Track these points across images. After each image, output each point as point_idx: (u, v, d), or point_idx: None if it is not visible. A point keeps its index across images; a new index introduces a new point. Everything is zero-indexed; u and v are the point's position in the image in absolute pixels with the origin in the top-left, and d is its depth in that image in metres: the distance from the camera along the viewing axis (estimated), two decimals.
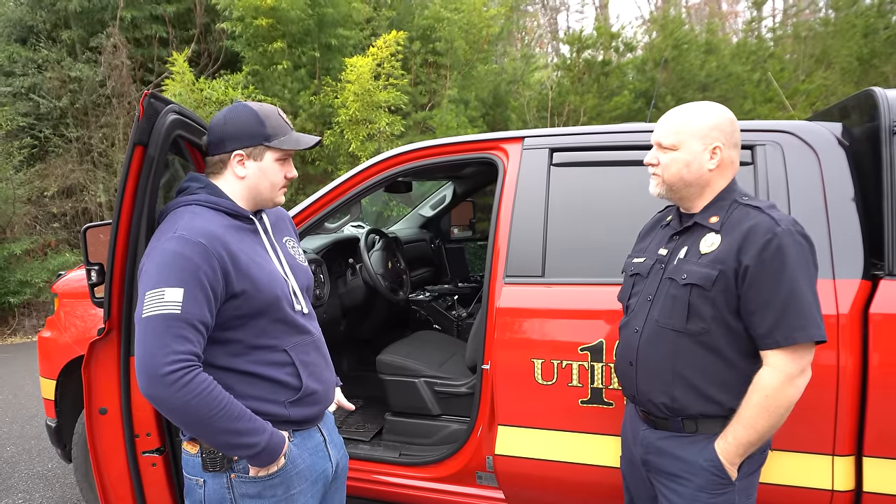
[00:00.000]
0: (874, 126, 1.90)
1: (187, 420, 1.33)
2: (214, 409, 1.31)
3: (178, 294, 1.32)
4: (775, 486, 1.87)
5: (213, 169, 1.56)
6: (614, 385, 2.03)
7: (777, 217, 1.46)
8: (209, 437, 1.37)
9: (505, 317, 2.19)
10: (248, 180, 1.53)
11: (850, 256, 1.89)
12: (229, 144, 1.51)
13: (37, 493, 3.50)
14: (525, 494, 2.26)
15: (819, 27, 11.16)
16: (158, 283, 1.33)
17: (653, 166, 1.62)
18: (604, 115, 9.31)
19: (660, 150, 1.60)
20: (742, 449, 1.48)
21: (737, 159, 1.60)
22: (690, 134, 1.55)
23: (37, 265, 8.18)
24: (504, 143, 2.43)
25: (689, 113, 1.58)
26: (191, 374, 1.30)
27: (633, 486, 1.79)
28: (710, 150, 1.54)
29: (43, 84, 8.74)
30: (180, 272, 1.34)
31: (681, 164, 1.56)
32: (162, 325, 1.30)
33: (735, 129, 1.58)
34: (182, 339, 1.31)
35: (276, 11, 7.58)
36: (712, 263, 1.49)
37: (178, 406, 1.30)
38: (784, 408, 1.45)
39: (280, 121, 1.56)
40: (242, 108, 1.54)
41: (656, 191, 1.63)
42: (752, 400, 1.45)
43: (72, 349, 2.85)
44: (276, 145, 1.52)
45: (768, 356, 1.45)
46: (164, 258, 1.36)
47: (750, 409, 1.45)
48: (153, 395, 1.31)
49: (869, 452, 1.83)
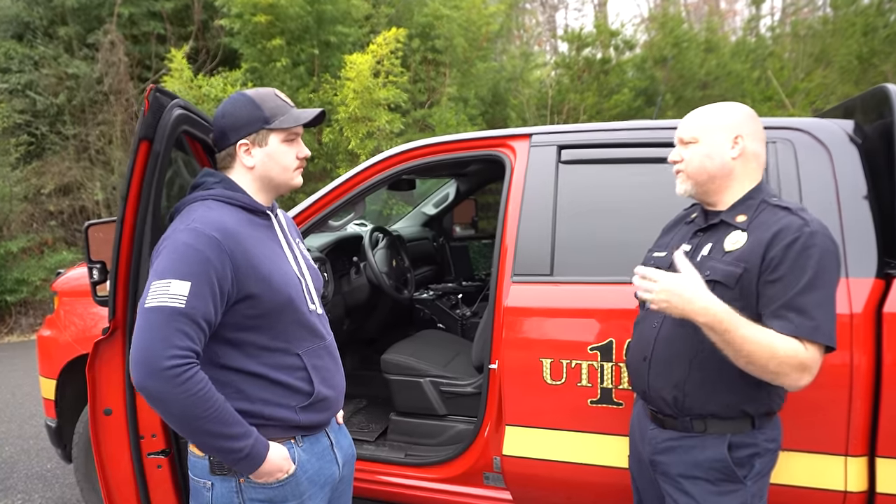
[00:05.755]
0: (887, 123, 1.89)
1: (176, 417, 1.30)
2: (207, 409, 1.29)
3: (185, 287, 1.28)
4: (787, 487, 1.85)
5: (224, 164, 1.53)
6: (624, 385, 2.00)
7: (808, 218, 1.45)
8: (193, 435, 1.34)
9: (513, 316, 2.17)
10: (258, 168, 1.49)
11: (863, 255, 1.87)
12: (232, 136, 1.48)
13: (36, 494, 3.47)
14: (533, 495, 2.24)
15: (818, 26, 11.19)
16: (165, 273, 1.30)
17: (676, 163, 1.62)
18: (603, 113, 9.32)
19: (682, 146, 1.61)
20: (705, 316, 1.36)
21: (762, 154, 1.58)
22: (710, 126, 1.56)
23: (34, 263, 8.13)
24: (511, 140, 2.41)
25: (710, 109, 1.60)
26: (189, 371, 1.27)
27: (641, 486, 1.77)
28: (732, 140, 1.54)
29: (39, 81, 8.68)
30: (189, 265, 1.30)
31: (702, 156, 1.55)
32: (164, 317, 1.27)
33: (757, 123, 1.58)
34: (183, 335, 1.28)
35: (274, 8, 7.55)
36: (736, 261, 1.47)
37: (171, 402, 1.27)
38: (770, 370, 1.37)
39: (278, 101, 1.51)
40: (238, 97, 1.51)
41: (682, 188, 1.62)
42: (763, 334, 1.36)
43: (72, 348, 2.82)
44: (276, 126, 1.47)
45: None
46: (175, 249, 1.33)
47: (754, 330, 1.36)
48: (147, 388, 1.28)
49: (882, 453, 1.82)
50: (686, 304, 1.37)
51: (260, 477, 1.40)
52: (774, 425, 1.57)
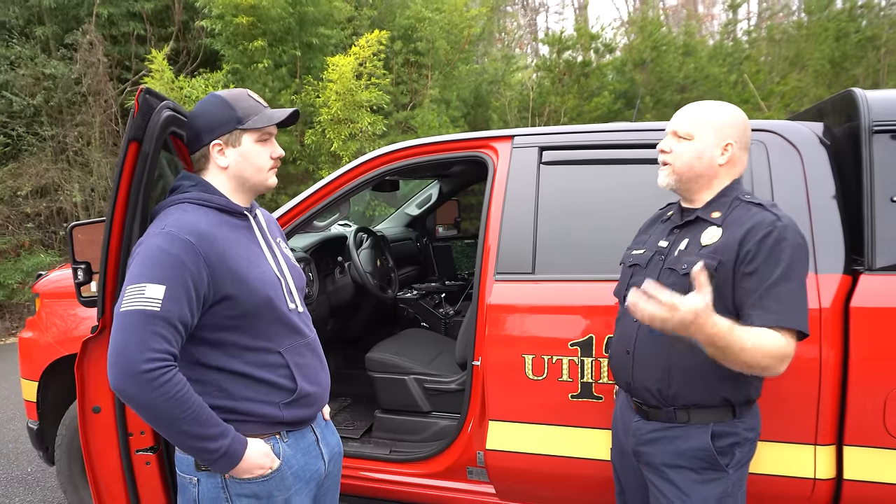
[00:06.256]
0: (854, 126, 1.96)
1: (155, 418, 1.33)
2: (185, 411, 1.31)
3: (160, 291, 1.30)
4: (761, 476, 1.92)
5: (199, 165, 1.55)
6: (604, 379, 2.06)
7: (779, 214, 1.52)
8: (172, 436, 1.36)
9: (495, 313, 2.21)
10: (232, 168, 1.51)
11: (831, 252, 1.94)
12: (206, 137, 1.50)
13: (16, 498, 3.44)
14: (516, 489, 2.29)
15: (793, 30, 11.41)
16: (140, 277, 1.32)
17: (664, 154, 1.66)
18: (584, 116, 9.41)
19: (674, 139, 1.64)
20: (710, 338, 1.36)
21: (745, 160, 1.65)
22: (708, 126, 1.60)
23: (10, 266, 8.01)
24: (494, 141, 2.46)
25: (710, 107, 1.63)
26: (167, 374, 1.29)
27: (623, 477, 1.83)
28: (723, 146, 1.59)
29: (16, 81, 8.54)
30: (164, 269, 1.32)
31: (693, 154, 1.60)
32: (139, 321, 1.29)
33: (747, 132, 1.63)
34: (159, 338, 1.29)
35: (256, 10, 7.53)
36: (712, 254, 1.53)
37: (149, 404, 1.29)
38: (762, 366, 1.42)
39: (251, 101, 1.53)
40: (211, 98, 1.53)
41: (665, 181, 1.66)
42: (752, 336, 1.41)
43: (54, 350, 2.80)
44: (250, 126, 1.49)
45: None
46: (148, 253, 1.35)
47: (746, 335, 1.40)
48: (124, 391, 1.30)
49: (849, 441, 1.89)
50: (698, 329, 1.35)
51: (239, 474, 1.42)
52: (754, 414, 1.64)
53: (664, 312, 1.34)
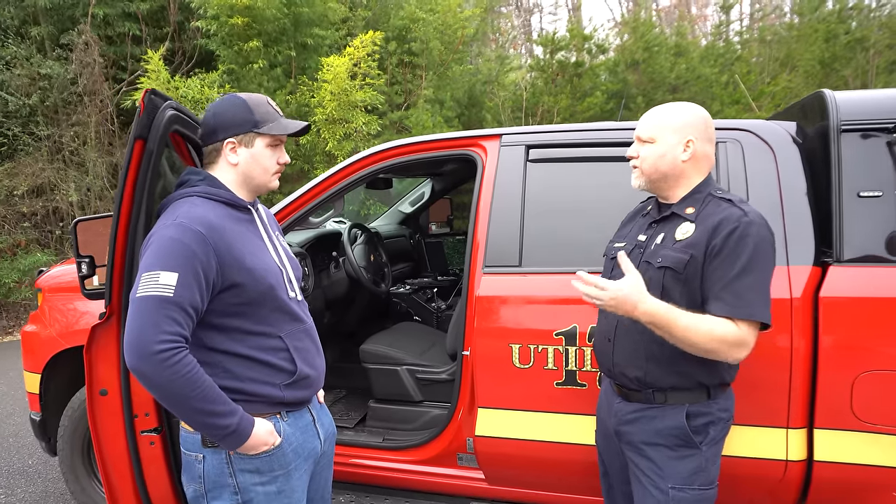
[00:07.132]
0: (824, 125, 2.06)
1: (168, 396, 1.41)
2: (195, 389, 1.39)
3: (172, 278, 1.39)
4: (735, 458, 2.01)
5: (209, 159, 1.64)
6: (587, 367, 2.16)
7: (746, 209, 1.62)
8: (185, 414, 1.45)
9: (484, 304, 2.30)
10: (241, 167, 1.60)
11: (802, 245, 2.04)
12: (221, 133, 1.59)
13: (18, 489, 3.51)
14: (504, 473, 2.38)
15: (784, 31, 11.53)
16: (154, 266, 1.41)
17: (633, 159, 1.76)
18: (577, 116, 9.50)
19: (640, 144, 1.75)
20: (648, 317, 1.55)
21: (711, 154, 1.74)
22: (666, 128, 1.70)
23: (6, 265, 8.05)
24: (483, 140, 2.55)
25: (667, 110, 1.73)
26: (178, 354, 1.38)
27: (607, 458, 1.93)
28: (684, 144, 1.69)
29: (11, 81, 8.57)
30: (176, 257, 1.41)
31: (656, 156, 1.70)
32: (154, 305, 1.38)
33: (708, 126, 1.72)
34: (172, 321, 1.38)
35: (251, 10, 7.59)
36: (685, 248, 1.63)
37: (162, 383, 1.38)
38: (707, 350, 1.56)
39: (269, 108, 1.63)
40: (232, 98, 1.62)
41: (636, 183, 1.77)
42: (700, 321, 1.55)
43: (57, 343, 2.88)
44: (265, 131, 1.59)
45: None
46: (162, 243, 1.44)
47: (692, 320, 1.55)
48: (140, 371, 1.38)
49: (819, 425, 1.99)
50: (632, 309, 1.55)
51: (247, 451, 1.51)
52: (728, 396, 1.74)
53: (598, 294, 1.56)
